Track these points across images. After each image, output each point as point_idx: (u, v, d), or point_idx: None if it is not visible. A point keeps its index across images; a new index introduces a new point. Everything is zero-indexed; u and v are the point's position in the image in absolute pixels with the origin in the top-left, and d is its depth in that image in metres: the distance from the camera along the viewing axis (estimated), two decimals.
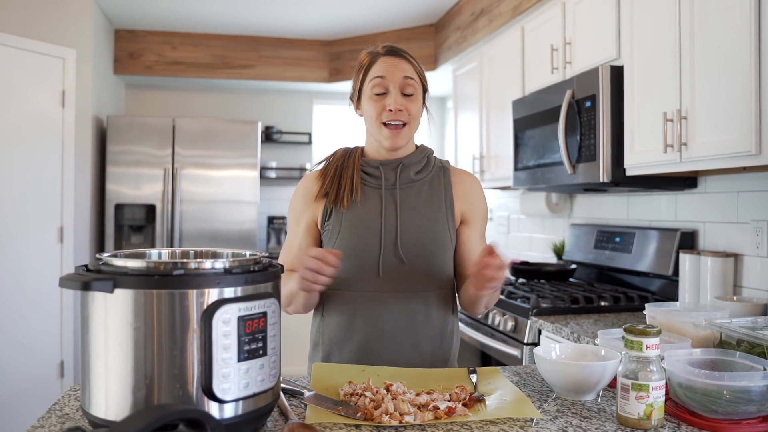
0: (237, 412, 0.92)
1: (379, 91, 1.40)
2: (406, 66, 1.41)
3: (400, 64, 1.40)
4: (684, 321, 1.47)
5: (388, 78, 1.39)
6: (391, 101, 1.39)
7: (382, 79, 1.39)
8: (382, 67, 1.40)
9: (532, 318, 2.29)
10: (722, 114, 1.80)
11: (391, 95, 1.39)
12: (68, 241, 3.79)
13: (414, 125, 1.43)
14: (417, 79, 1.42)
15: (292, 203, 1.51)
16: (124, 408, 0.88)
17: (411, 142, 1.48)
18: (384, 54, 1.42)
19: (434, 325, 1.43)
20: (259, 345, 0.94)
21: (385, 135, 1.40)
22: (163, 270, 0.89)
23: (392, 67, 1.40)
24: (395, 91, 1.39)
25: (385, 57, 1.41)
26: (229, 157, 4.45)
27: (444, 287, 1.45)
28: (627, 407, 1.04)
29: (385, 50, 1.42)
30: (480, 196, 1.51)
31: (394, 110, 1.38)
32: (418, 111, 1.43)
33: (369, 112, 1.42)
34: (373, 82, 1.40)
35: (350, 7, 4.21)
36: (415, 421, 1.02)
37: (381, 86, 1.40)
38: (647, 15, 2.14)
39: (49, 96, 3.72)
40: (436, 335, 1.43)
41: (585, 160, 2.37)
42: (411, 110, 1.41)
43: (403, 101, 1.39)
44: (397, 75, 1.39)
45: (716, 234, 2.29)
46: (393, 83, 1.39)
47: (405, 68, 1.40)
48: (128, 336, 0.88)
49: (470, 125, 3.78)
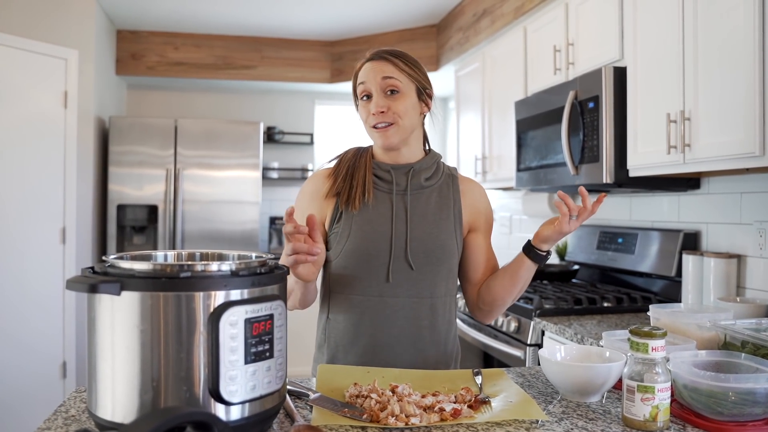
0: (244, 414, 0.92)
1: (364, 95, 1.43)
2: (386, 67, 1.40)
3: (380, 66, 1.40)
4: (688, 322, 1.47)
5: (368, 82, 1.41)
6: (373, 104, 1.40)
7: (363, 84, 1.42)
8: (364, 73, 1.42)
9: (535, 319, 2.29)
10: (726, 115, 1.79)
11: (374, 98, 1.40)
12: (70, 241, 3.80)
13: (404, 123, 1.40)
14: (401, 77, 1.40)
15: (300, 200, 1.49)
16: (131, 410, 0.88)
17: (417, 144, 1.47)
18: (370, 59, 1.43)
19: (439, 331, 1.43)
20: (266, 347, 0.94)
21: (376, 136, 1.42)
22: (170, 272, 0.89)
23: (372, 71, 1.40)
24: (376, 94, 1.40)
25: (368, 62, 1.43)
26: (231, 158, 4.46)
27: (449, 294, 1.46)
28: (632, 409, 1.04)
29: (371, 55, 1.44)
30: (486, 204, 1.53)
31: (376, 113, 1.39)
32: (406, 109, 1.40)
33: (361, 118, 1.46)
34: (359, 89, 1.44)
35: (352, 8, 4.21)
36: (420, 423, 1.02)
37: (364, 91, 1.42)
38: (650, 16, 2.14)
39: (51, 97, 3.72)
40: (440, 341, 1.43)
41: (588, 161, 2.37)
42: (396, 109, 1.39)
43: (385, 102, 1.39)
44: (376, 77, 1.40)
45: (719, 235, 2.29)
46: (374, 86, 1.40)
47: (385, 69, 1.40)
48: (135, 338, 0.88)
49: (472, 126, 3.78)
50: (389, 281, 1.39)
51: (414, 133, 1.44)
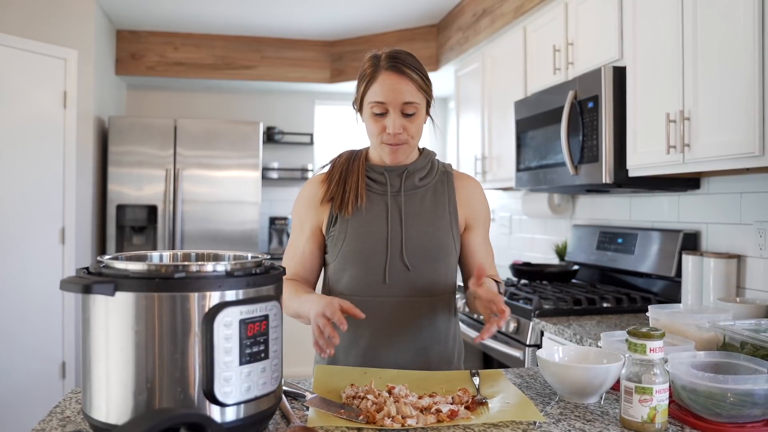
0: (239, 415, 0.92)
1: (379, 111, 1.37)
2: (407, 87, 1.34)
3: (401, 85, 1.34)
4: (687, 323, 1.47)
5: (388, 103, 1.35)
6: (390, 124, 1.35)
7: (381, 104, 1.35)
8: (382, 90, 1.34)
9: (535, 319, 2.28)
10: (725, 115, 1.79)
11: (391, 117, 1.35)
12: (70, 242, 3.79)
13: (415, 142, 1.41)
14: (419, 97, 1.36)
15: (296, 207, 1.50)
16: (125, 411, 0.88)
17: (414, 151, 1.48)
18: (386, 68, 1.35)
19: (439, 330, 1.43)
20: (260, 348, 0.94)
21: (386, 152, 1.40)
22: (165, 273, 0.89)
23: (392, 91, 1.34)
24: (395, 114, 1.35)
25: (386, 74, 1.35)
26: (230, 158, 4.45)
27: (448, 292, 1.46)
28: (630, 410, 1.03)
29: (387, 63, 1.35)
30: (483, 200, 1.51)
31: (393, 134, 1.36)
32: (418, 128, 1.40)
33: (369, 129, 1.41)
34: (374, 105, 1.36)
35: (352, 8, 4.20)
36: (417, 424, 1.02)
37: (380, 108, 1.36)
38: (650, 15, 2.14)
39: (50, 97, 3.72)
40: (441, 339, 1.43)
41: (587, 161, 2.36)
42: (410, 130, 1.38)
43: (402, 122, 1.36)
44: (397, 99, 1.34)
45: (719, 235, 2.28)
46: (392, 107, 1.35)
47: (405, 91, 1.34)
48: (129, 339, 0.87)
49: (472, 126, 3.78)
50: (386, 282, 1.38)
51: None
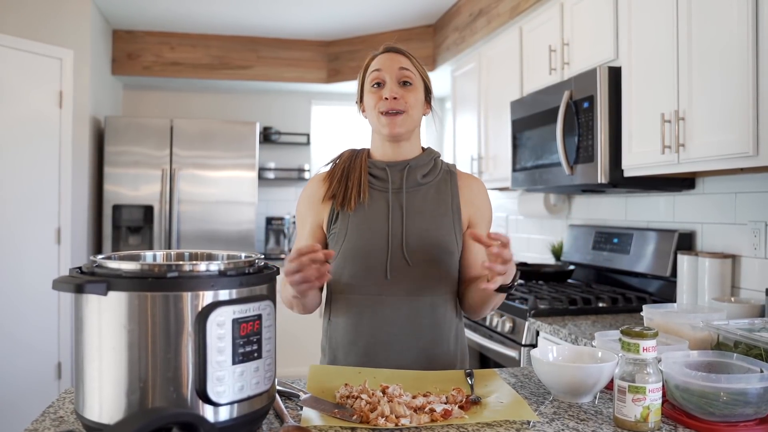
0: (232, 415, 0.92)
1: (377, 82, 1.44)
2: (403, 59, 1.45)
3: (396, 57, 1.45)
4: (681, 322, 1.47)
5: (384, 69, 1.43)
6: (386, 90, 1.42)
7: (378, 71, 1.44)
8: (379, 62, 1.45)
9: (530, 319, 2.28)
10: (720, 115, 1.79)
11: (387, 85, 1.43)
12: (66, 242, 3.78)
13: (413, 114, 1.43)
14: (415, 71, 1.45)
15: (299, 206, 1.52)
16: (117, 411, 0.88)
17: (416, 141, 1.49)
18: (382, 52, 1.48)
19: (441, 329, 1.42)
20: (254, 348, 0.93)
21: (383, 123, 1.42)
22: (157, 272, 0.89)
23: (388, 59, 1.44)
24: (391, 82, 1.43)
25: (383, 54, 1.47)
26: (227, 158, 4.45)
27: (450, 291, 1.45)
28: (624, 409, 1.03)
29: (384, 48, 1.48)
30: (486, 200, 1.52)
31: (389, 98, 1.41)
32: (416, 101, 1.44)
33: (369, 105, 1.46)
34: (371, 76, 1.45)
35: (349, 8, 4.20)
36: (411, 423, 1.02)
37: (378, 78, 1.44)
38: (645, 16, 2.14)
39: (46, 97, 3.71)
40: (443, 339, 1.42)
41: (583, 161, 2.36)
42: (408, 99, 1.42)
43: (399, 90, 1.42)
44: (393, 66, 1.43)
45: (714, 235, 2.29)
46: (389, 74, 1.43)
47: (401, 61, 1.45)
48: (122, 339, 0.87)
49: (469, 126, 3.78)
50: (388, 278, 1.38)
51: (416, 129, 1.48)
